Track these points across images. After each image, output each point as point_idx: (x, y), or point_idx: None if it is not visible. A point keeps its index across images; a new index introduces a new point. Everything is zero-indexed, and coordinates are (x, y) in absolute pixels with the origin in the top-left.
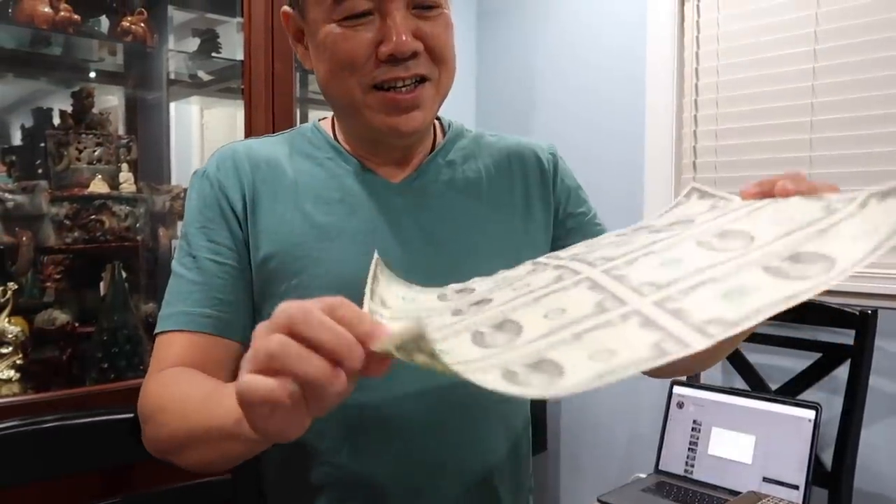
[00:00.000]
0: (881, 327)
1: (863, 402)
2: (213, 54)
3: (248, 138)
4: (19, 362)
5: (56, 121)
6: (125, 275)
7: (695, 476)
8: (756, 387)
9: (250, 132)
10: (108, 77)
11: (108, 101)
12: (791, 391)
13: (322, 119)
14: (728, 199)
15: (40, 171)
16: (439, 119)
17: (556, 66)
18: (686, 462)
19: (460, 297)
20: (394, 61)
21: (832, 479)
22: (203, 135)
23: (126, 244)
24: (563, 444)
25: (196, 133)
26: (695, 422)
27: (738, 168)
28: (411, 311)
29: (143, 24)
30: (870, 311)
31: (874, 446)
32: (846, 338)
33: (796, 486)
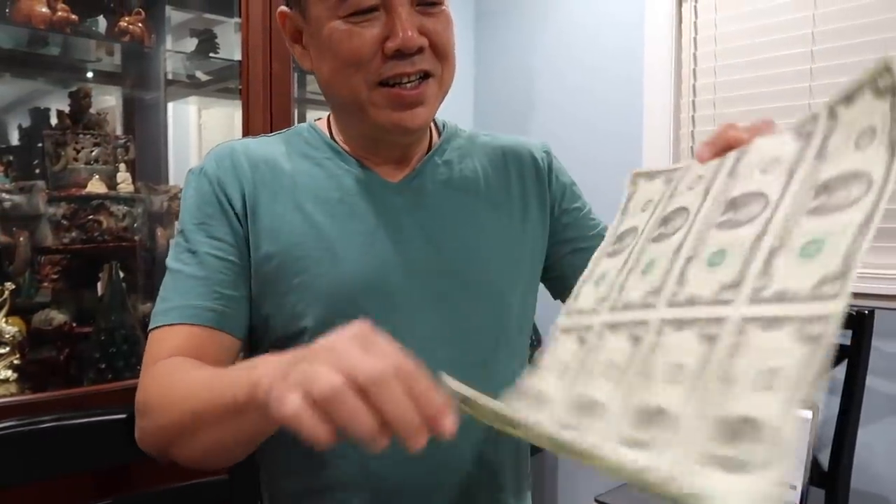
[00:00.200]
0: (878, 328)
1: (860, 402)
2: (211, 54)
3: (245, 137)
4: (16, 362)
5: (53, 121)
6: (123, 275)
7: None
8: None
9: (248, 132)
10: (105, 77)
11: (106, 101)
12: None
13: (317, 119)
14: (682, 168)
15: (37, 171)
16: (434, 120)
17: (553, 67)
18: None
19: (548, 409)
20: (400, 56)
21: (829, 479)
22: (201, 135)
23: (123, 244)
24: None
25: (194, 133)
26: None
27: None
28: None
29: (140, 25)
30: (867, 312)
31: (871, 446)
32: (843, 338)
33: (793, 487)
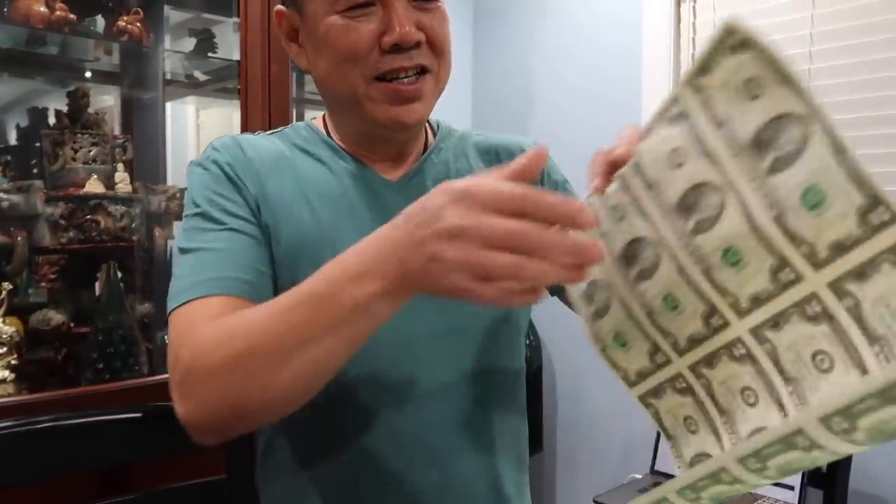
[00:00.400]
0: None
1: None
2: (210, 54)
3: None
4: (14, 363)
5: (52, 120)
6: (120, 275)
7: None
8: None
9: (247, 132)
10: (103, 77)
11: (104, 100)
12: None
13: (313, 119)
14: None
15: (35, 170)
16: (427, 119)
17: (552, 67)
18: None
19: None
20: (397, 51)
21: (827, 479)
22: (199, 135)
23: (121, 244)
24: (559, 444)
25: (192, 133)
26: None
27: None
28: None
29: (139, 24)
30: None
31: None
32: None
33: (791, 487)
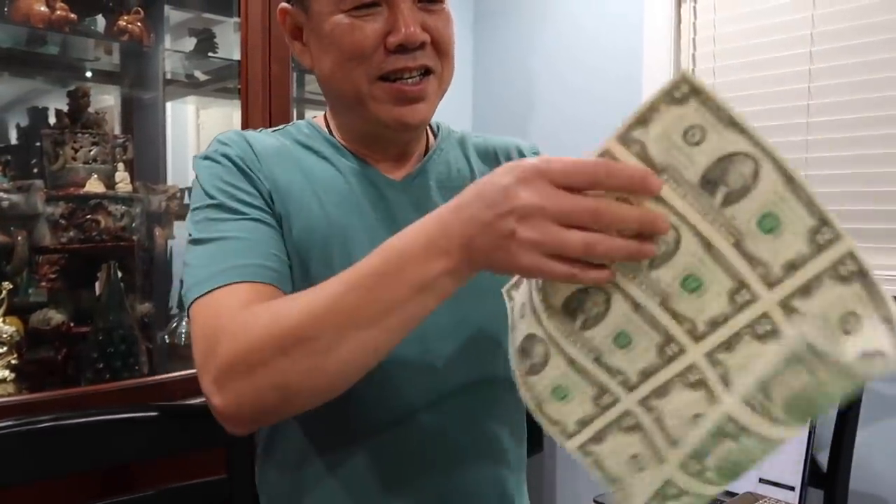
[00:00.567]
0: None
1: (858, 402)
2: (210, 54)
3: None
4: (14, 362)
5: (52, 120)
6: (121, 275)
7: None
8: None
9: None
10: (104, 76)
11: (104, 100)
12: None
13: (314, 117)
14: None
15: (36, 170)
16: None
17: (553, 68)
18: None
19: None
20: (402, 51)
21: (828, 479)
22: (199, 135)
23: (122, 244)
24: (559, 444)
25: (192, 133)
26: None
27: None
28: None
29: (139, 24)
30: None
31: (870, 447)
32: None
33: (792, 488)
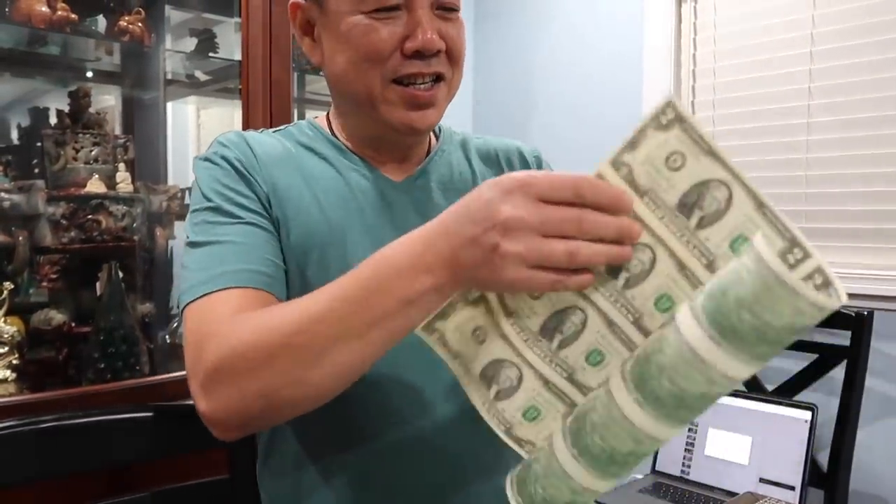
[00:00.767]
0: (877, 329)
1: (859, 403)
2: (211, 54)
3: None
4: (15, 362)
5: (53, 120)
6: (122, 275)
7: (691, 477)
8: (753, 388)
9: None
10: (105, 76)
11: (105, 100)
12: (787, 392)
13: (315, 117)
14: None
15: (37, 170)
16: None
17: (553, 69)
18: (683, 463)
19: None
20: (419, 57)
21: (828, 479)
22: (200, 135)
23: (123, 244)
24: None
25: (193, 133)
26: (691, 422)
27: None
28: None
29: (140, 24)
30: (866, 313)
31: (870, 447)
32: (842, 339)
33: (792, 487)
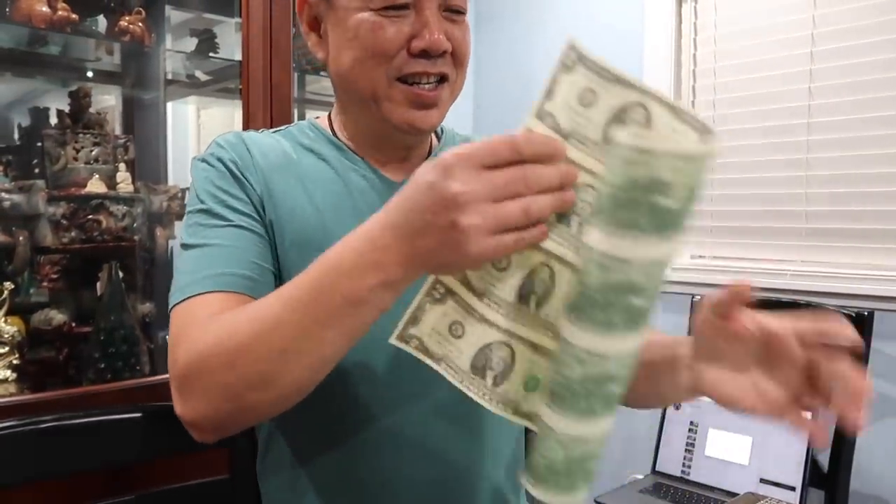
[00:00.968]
0: (877, 329)
1: None
2: (211, 54)
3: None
4: (15, 362)
5: (53, 120)
6: (122, 275)
7: (692, 477)
8: None
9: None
10: (105, 77)
11: (106, 100)
12: None
13: (316, 117)
14: None
15: (37, 170)
16: None
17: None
18: (683, 463)
19: None
20: (425, 56)
21: (829, 480)
22: (200, 135)
23: (123, 244)
24: None
25: (193, 133)
26: (692, 423)
27: (734, 169)
28: None
29: (140, 24)
30: (866, 313)
31: (870, 447)
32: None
33: (793, 488)
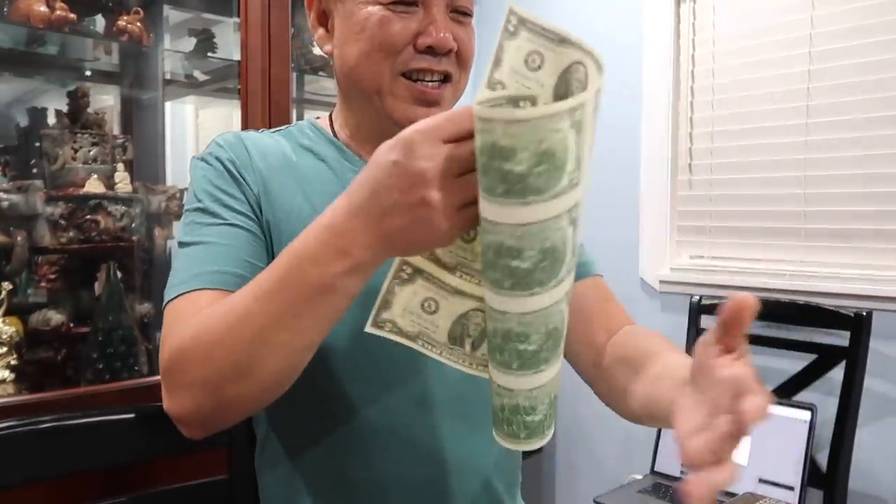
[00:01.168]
0: (875, 329)
1: (857, 403)
2: (209, 54)
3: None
4: (14, 363)
5: (51, 120)
6: (120, 275)
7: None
8: None
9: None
10: (103, 76)
11: (104, 100)
12: (786, 392)
13: (317, 118)
14: None
15: (35, 170)
16: None
17: None
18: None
19: None
20: (431, 53)
21: (827, 479)
22: (198, 135)
23: (121, 244)
24: (559, 445)
25: (192, 133)
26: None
27: (733, 170)
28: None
29: (138, 24)
30: (864, 313)
31: (869, 447)
32: (841, 339)
33: (791, 488)
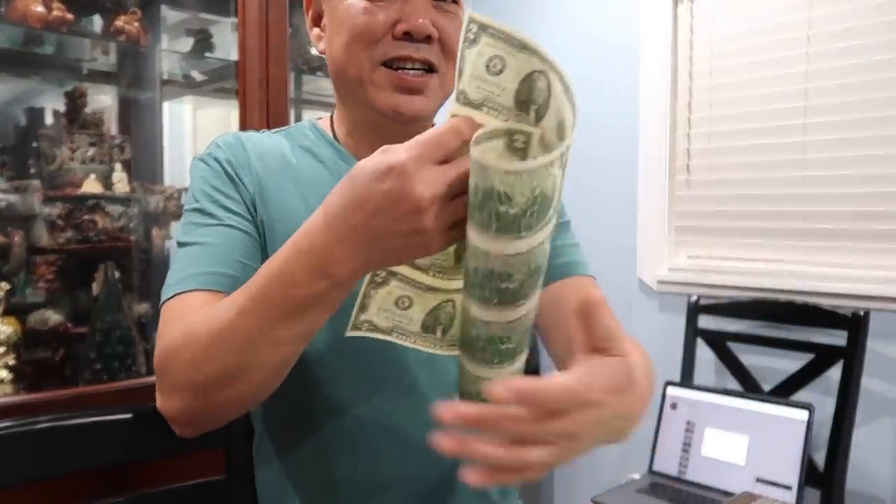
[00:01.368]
0: (873, 329)
1: (855, 402)
2: (207, 54)
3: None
4: (12, 363)
5: (49, 120)
6: (118, 275)
7: (688, 477)
8: (749, 388)
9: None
10: (101, 77)
11: (102, 100)
12: (784, 392)
13: (318, 119)
14: None
15: (33, 170)
16: (433, 123)
17: None
18: (680, 463)
19: None
20: (408, 39)
21: (825, 479)
22: (196, 135)
23: (119, 244)
24: None
25: (189, 133)
26: (688, 422)
27: (731, 170)
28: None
29: (136, 24)
30: (862, 313)
31: (866, 447)
32: (839, 339)
33: (789, 487)
